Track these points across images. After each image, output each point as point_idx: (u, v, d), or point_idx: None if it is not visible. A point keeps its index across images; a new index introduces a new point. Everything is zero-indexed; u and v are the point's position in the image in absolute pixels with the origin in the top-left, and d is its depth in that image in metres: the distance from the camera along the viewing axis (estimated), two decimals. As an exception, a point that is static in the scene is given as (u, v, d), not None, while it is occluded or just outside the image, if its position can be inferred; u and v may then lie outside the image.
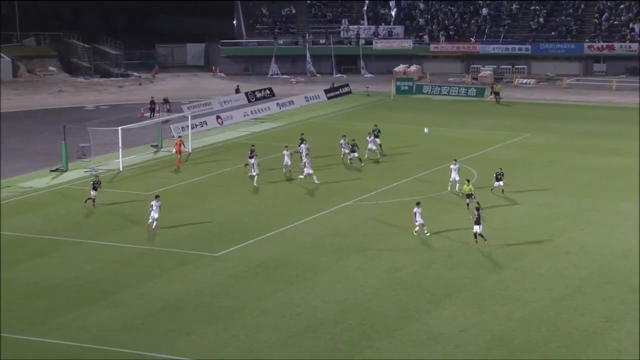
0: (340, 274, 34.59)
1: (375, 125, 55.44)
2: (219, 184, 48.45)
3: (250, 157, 48.35)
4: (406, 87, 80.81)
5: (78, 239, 38.99)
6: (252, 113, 70.04)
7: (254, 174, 47.52)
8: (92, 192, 43.59)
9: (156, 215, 39.54)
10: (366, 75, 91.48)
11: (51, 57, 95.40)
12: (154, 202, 39.94)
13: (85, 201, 43.91)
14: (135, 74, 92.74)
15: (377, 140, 53.69)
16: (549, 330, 29.41)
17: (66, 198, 46.10)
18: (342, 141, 52.64)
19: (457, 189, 45.30)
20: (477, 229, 37.37)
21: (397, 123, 66.07)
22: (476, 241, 37.33)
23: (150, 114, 68.54)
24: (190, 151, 56.56)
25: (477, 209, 37.72)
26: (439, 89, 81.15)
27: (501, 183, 44.44)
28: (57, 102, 77.40)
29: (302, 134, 53.94)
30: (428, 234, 38.83)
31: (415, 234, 38.94)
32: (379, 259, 36.19)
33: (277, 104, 73.28)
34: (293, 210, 43.08)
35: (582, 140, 59.91)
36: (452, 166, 45.70)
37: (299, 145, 51.88)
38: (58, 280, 34.04)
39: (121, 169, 51.79)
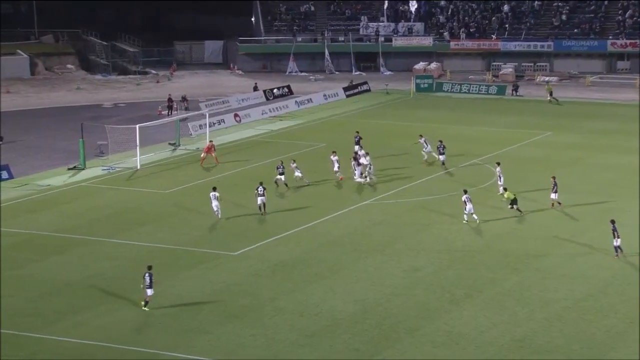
0: (359, 273, 34.52)
1: (357, 132, 53.87)
2: (236, 182, 48.40)
3: (281, 174, 46.44)
4: (426, 85, 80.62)
5: (95, 237, 39.13)
6: (270, 111, 70.19)
7: (299, 174, 46.84)
8: None
9: (217, 203, 40.77)
10: (385, 73, 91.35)
11: (69, 54, 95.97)
12: (212, 194, 41.06)
13: None
14: (153, 71, 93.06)
15: (356, 148, 51.17)
16: (571, 331, 29.26)
17: (83, 196, 46.28)
18: (333, 157, 49.09)
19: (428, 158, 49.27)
20: (616, 242, 35.51)
21: (417, 121, 65.90)
22: (617, 255, 35.65)
23: (168, 112, 68.82)
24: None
25: (613, 222, 35.71)
26: (459, 86, 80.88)
27: (554, 196, 42.32)
28: (75, 99, 77.82)
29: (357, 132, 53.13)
30: (475, 221, 39.64)
31: (465, 222, 39.81)
32: (398, 259, 36.13)
33: (296, 101, 73.49)
34: (312, 209, 43.09)
35: (604, 138, 59.50)
36: (420, 140, 50.72)
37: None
38: (75, 278, 34.17)
39: (139, 167, 52.03)
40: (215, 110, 68.86)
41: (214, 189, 41.91)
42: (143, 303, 30.96)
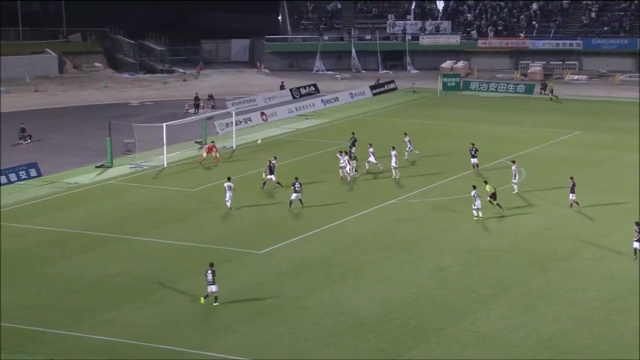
0: (384, 272, 34.53)
1: (353, 133, 53.39)
2: (262, 180, 48.48)
3: (271, 172, 46.22)
4: (453, 84, 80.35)
5: (122, 235, 39.34)
6: (296, 109, 70.33)
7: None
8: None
9: (230, 193, 41.87)
10: (412, 72, 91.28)
11: (97, 53, 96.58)
12: (226, 184, 42.04)
13: None
14: (180, 70, 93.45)
15: (353, 150, 51.03)
16: (599, 332, 29.07)
17: (111, 194, 46.59)
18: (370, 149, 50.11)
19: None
20: (637, 245, 35.28)
21: (444, 120, 65.75)
22: (636, 257, 35.37)
23: (195, 110, 68.96)
24: (234, 148, 57.02)
25: (638, 224, 35.40)
26: (486, 85, 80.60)
27: (572, 196, 42.22)
28: (102, 98, 78.25)
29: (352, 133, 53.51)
30: (479, 218, 40.08)
31: (475, 217, 40.19)
32: (424, 258, 36.09)
33: (322, 100, 73.58)
34: (337, 208, 43.15)
35: (633, 138, 58.80)
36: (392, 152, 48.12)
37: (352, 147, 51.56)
38: (102, 276, 34.34)
39: (165, 165, 52.26)
40: (242, 109, 68.93)
41: (229, 179, 42.59)
42: (203, 298, 31.01)
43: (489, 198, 41.36)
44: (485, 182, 42.58)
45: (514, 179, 44.74)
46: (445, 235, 38.92)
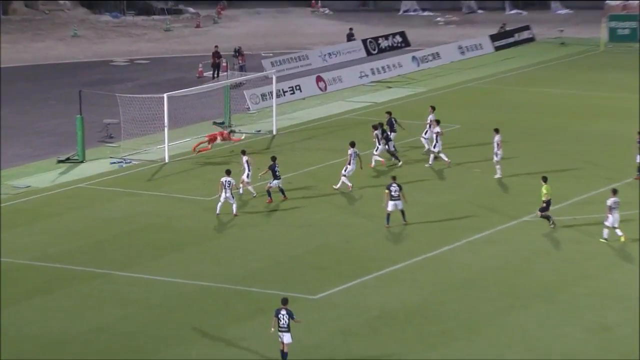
0: (512, 332, 34.38)
1: (389, 113, 54.17)
2: (314, 185, 49.06)
3: (275, 177, 46.81)
4: (626, 31, 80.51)
5: (99, 268, 39.31)
6: (372, 73, 70.60)
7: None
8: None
9: (229, 195, 43.31)
10: (559, 12, 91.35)
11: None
12: (224, 179, 43.57)
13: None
14: (191, 9, 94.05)
15: (392, 136, 52.52)
16: None
17: (82, 204, 46.72)
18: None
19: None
20: None
21: (610, 91, 65.63)
22: None
23: (214, 73, 69.26)
24: (275, 133, 57.49)
25: None
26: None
27: None
28: (69, 53, 78.98)
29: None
30: (622, 238, 40.59)
31: (602, 239, 40.88)
32: (576, 310, 35.98)
33: (414, 58, 73.89)
34: (434, 230, 43.39)
35: None
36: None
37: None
38: (69, 333, 34.19)
39: (167, 160, 52.73)
40: (287, 72, 69.52)
41: (228, 173, 43.90)
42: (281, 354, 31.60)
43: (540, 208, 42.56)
44: (545, 180, 43.01)
45: None
46: (609, 275, 38.81)
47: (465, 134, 55.87)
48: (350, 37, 79.67)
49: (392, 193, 42.94)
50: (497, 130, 49.52)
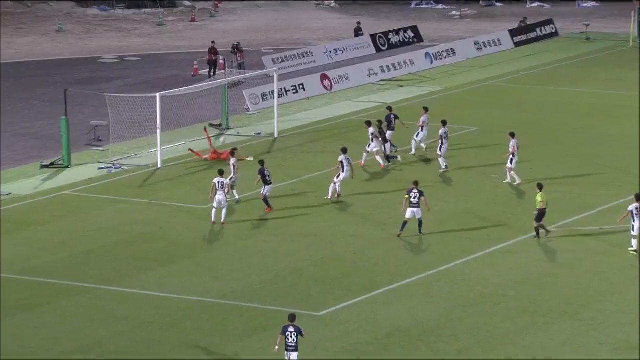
0: (533, 350, 34.06)
1: (389, 109, 54.57)
2: (319, 191, 48.19)
3: (266, 183, 46.56)
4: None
5: (86, 282, 38.96)
6: (382, 71, 70.02)
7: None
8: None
9: (222, 197, 43.63)
10: (585, 5, 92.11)
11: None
12: (217, 180, 43.78)
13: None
14: (186, 2, 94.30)
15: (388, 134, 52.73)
16: None
17: (68, 213, 46.50)
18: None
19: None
20: None
21: (637, 90, 64.94)
22: None
23: (210, 71, 69.12)
24: (276, 135, 56.94)
25: None
26: None
27: None
28: (54, 49, 79.26)
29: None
30: (634, 251, 40.60)
31: (631, 249, 41.04)
32: (602, 328, 35.48)
33: (427, 54, 73.43)
34: (449, 241, 43.10)
35: None
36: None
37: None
38: (53, 352, 33.78)
39: (160, 165, 52.34)
40: (289, 70, 69.30)
41: (220, 174, 44.00)
42: None
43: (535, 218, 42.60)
44: (540, 187, 42.82)
45: None
46: (636, 289, 38.40)
47: (482, 136, 55.40)
48: (357, 32, 79.63)
49: (412, 199, 42.38)
50: (512, 135, 49.24)
